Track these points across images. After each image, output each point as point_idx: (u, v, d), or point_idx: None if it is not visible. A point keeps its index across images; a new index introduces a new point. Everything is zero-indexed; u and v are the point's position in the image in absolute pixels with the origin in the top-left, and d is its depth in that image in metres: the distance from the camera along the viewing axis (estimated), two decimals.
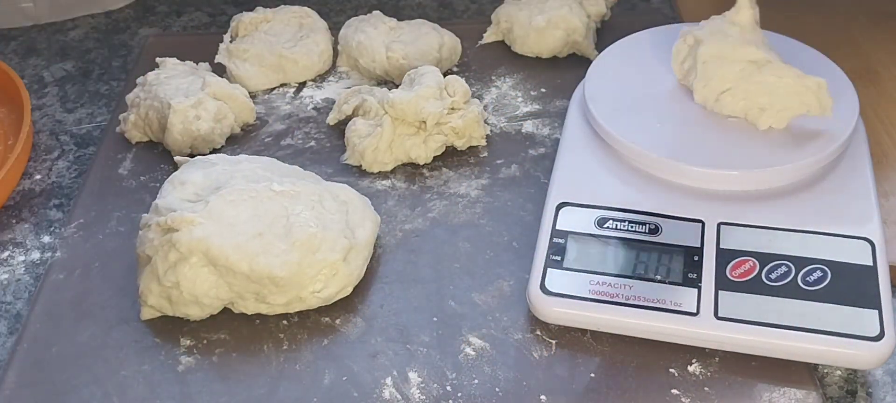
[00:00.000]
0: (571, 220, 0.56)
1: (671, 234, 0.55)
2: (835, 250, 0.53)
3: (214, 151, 0.68)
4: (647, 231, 0.55)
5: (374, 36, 0.75)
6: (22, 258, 0.63)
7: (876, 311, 0.50)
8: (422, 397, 0.51)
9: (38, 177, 0.70)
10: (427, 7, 0.90)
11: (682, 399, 0.50)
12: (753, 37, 0.60)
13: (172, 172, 0.67)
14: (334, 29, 0.79)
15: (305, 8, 0.80)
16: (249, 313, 0.55)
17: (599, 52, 0.70)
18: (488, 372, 0.52)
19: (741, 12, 0.61)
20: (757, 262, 0.53)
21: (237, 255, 0.52)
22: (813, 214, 0.55)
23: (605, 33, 0.79)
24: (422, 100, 0.64)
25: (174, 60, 0.73)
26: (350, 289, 0.56)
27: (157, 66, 0.73)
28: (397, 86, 0.70)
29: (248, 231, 0.54)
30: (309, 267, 0.54)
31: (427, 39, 0.74)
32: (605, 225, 0.55)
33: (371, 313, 0.56)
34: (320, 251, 0.54)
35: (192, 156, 0.68)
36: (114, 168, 0.68)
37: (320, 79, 0.77)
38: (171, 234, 0.53)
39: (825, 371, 0.53)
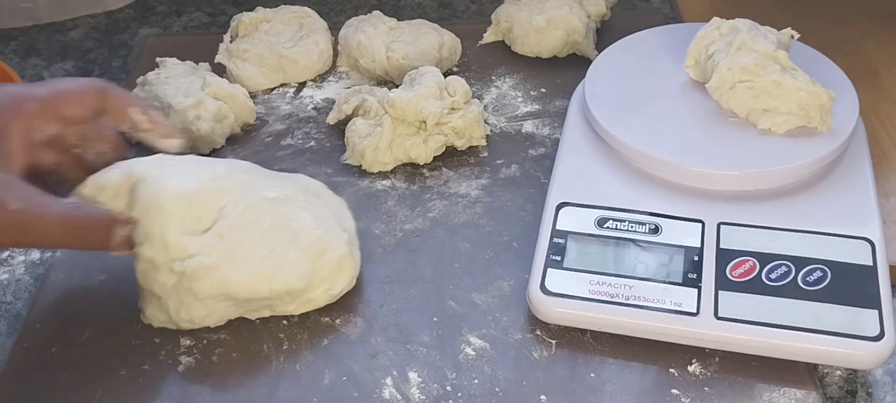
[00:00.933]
0: (571, 220, 0.56)
1: (671, 234, 0.55)
2: (835, 250, 0.53)
3: (214, 151, 0.69)
4: (647, 231, 0.55)
5: (374, 36, 0.75)
6: (22, 258, 0.63)
7: (876, 311, 0.50)
8: (422, 397, 0.51)
9: None
10: (427, 7, 0.90)
11: (682, 399, 0.50)
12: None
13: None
14: (334, 29, 0.79)
15: (305, 8, 0.80)
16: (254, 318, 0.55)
17: (599, 52, 0.70)
18: (488, 372, 0.52)
19: (785, 32, 0.62)
20: (757, 262, 0.53)
21: (257, 283, 0.52)
22: (813, 214, 0.55)
23: (605, 33, 0.79)
24: (422, 100, 0.64)
25: (174, 60, 0.73)
26: (354, 281, 0.56)
27: (157, 65, 0.73)
28: (397, 87, 0.70)
29: (259, 252, 0.52)
30: (320, 269, 0.54)
31: (427, 39, 0.74)
32: (605, 225, 0.55)
33: (371, 313, 0.56)
34: (327, 251, 0.54)
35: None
36: None
37: (320, 79, 0.77)
38: (190, 282, 0.51)
39: (825, 371, 0.53)
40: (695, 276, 0.52)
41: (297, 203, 0.55)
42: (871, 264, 0.52)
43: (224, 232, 0.52)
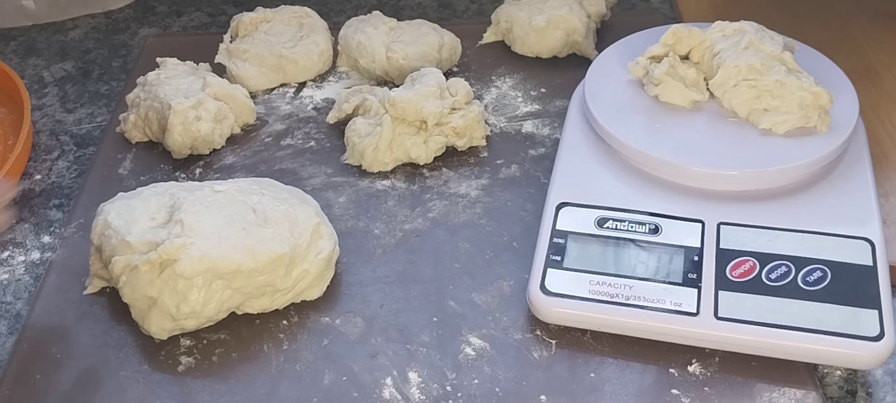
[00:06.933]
0: (571, 220, 0.56)
1: (671, 234, 0.55)
2: (835, 250, 0.53)
3: (214, 151, 0.69)
4: (647, 231, 0.55)
5: (374, 36, 0.75)
6: (22, 258, 0.63)
7: (876, 311, 0.50)
8: (422, 397, 0.51)
9: (38, 177, 0.70)
10: (427, 7, 0.90)
11: (682, 399, 0.50)
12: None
13: (173, 172, 0.67)
14: (334, 29, 0.79)
15: (305, 8, 0.80)
16: (256, 312, 0.55)
17: (599, 52, 0.70)
18: (488, 372, 0.52)
19: (791, 39, 0.63)
20: (757, 262, 0.53)
21: (240, 255, 0.52)
22: (813, 214, 0.55)
23: (605, 33, 0.79)
24: (422, 100, 0.64)
25: (174, 60, 0.73)
26: (338, 248, 0.57)
27: (157, 65, 0.73)
28: (397, 87, 0.70)
29: (232, 231, 0.53)
30: (300, 237, 0.54)
31: (427, 39, 0.74)
32: (605, 225, 0.55)
33: (371, 313, 0.56)
34: (299, 220, 0.55)
35: (191, 155, 0.68)
36: (114, 168, 0.68)
37: (320, 79, 0.77)
38: (173, 266, 0.52)
39: (825, 371, 0.53)
40: (695, 276, 0.52)
41: (251, 191, 0.56)
42: (871, 264, 0.52)
43: (184, 220, 0.53)
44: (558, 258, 0.54)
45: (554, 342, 0.53)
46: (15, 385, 0.52)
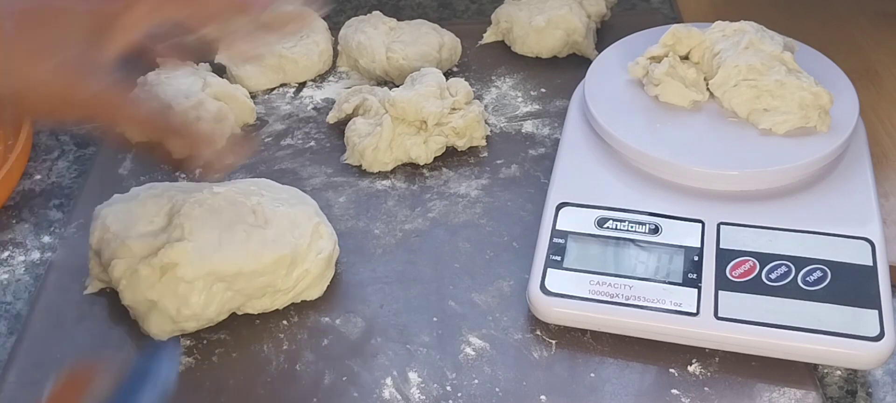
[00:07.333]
0: (571, 220, 0.56)
1: (671, 234, 0.55)
2: (835, 250, 0.53)
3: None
4: (647, 231, 0.55)
5: (374, 36, 0.75)
6: (22, 258, 0.63)
7: (876, 311, 0.50)
8: (422, 397, 0.51)
9: (38, 177, 0.70)
10: (427, 7, 0.90)
11: (682, 399, 0.50)
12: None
13: (173, 172, 0.67)
14: (334, 29, 0.79)
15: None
16: (256, 312, 0.55)
17: (599, 52, 0.70)
18: (488, 372, 0.52)
19: (791, 39, 0.63)
20: (757, 262, 0.53)
21: (242, 258, 0.52)
22: (813, 214, 0.55)
23: (605, 33, 0.79)
24: (422, 100, 0.64)
25: None
26: (337, 248, 0.57)
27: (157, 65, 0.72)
28: (397, 87, 0.70)
29: (233, 233, 0.53)
30: (301, 237, 0.54)
31: (427, 39, 0.74)
32: (605, 225, 0.55)
33: (371, 313, 0.56)
34: (299, 221, 0.55)
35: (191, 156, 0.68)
36: (114, 168, 0.68)
37: (320, 79, 0.77)
38: (174, 270, 0.52)
39: (825, 371, 0.53)
40: (695, 276, 0.52)
41: (250, 192, 0.56)
42: (871, 264, 0.52)
43: (184, 224, 0.53)
44: (558, 258, 0.54)
45: (554, 342, 0.53)
46: (15, 385, 0.52)
